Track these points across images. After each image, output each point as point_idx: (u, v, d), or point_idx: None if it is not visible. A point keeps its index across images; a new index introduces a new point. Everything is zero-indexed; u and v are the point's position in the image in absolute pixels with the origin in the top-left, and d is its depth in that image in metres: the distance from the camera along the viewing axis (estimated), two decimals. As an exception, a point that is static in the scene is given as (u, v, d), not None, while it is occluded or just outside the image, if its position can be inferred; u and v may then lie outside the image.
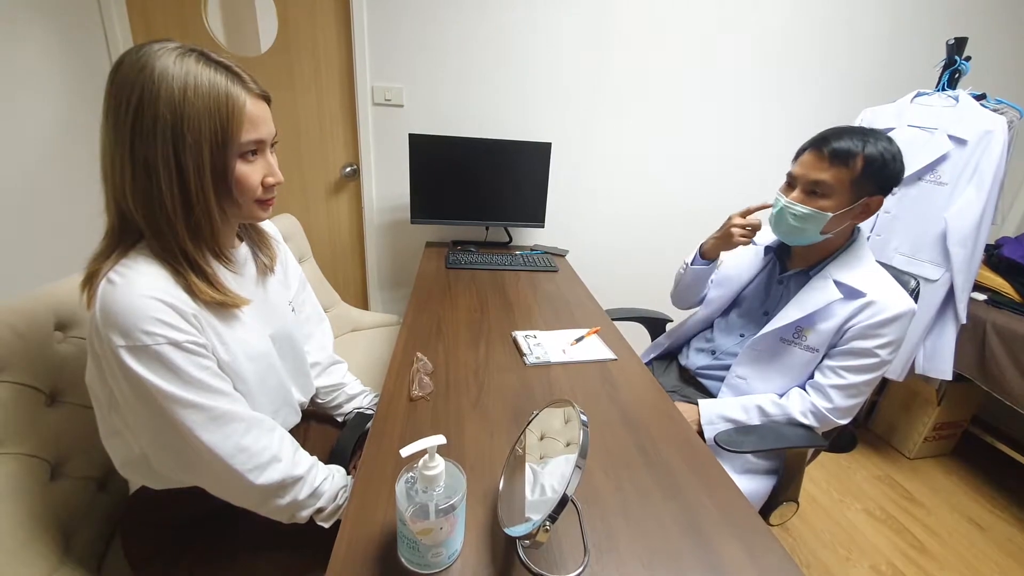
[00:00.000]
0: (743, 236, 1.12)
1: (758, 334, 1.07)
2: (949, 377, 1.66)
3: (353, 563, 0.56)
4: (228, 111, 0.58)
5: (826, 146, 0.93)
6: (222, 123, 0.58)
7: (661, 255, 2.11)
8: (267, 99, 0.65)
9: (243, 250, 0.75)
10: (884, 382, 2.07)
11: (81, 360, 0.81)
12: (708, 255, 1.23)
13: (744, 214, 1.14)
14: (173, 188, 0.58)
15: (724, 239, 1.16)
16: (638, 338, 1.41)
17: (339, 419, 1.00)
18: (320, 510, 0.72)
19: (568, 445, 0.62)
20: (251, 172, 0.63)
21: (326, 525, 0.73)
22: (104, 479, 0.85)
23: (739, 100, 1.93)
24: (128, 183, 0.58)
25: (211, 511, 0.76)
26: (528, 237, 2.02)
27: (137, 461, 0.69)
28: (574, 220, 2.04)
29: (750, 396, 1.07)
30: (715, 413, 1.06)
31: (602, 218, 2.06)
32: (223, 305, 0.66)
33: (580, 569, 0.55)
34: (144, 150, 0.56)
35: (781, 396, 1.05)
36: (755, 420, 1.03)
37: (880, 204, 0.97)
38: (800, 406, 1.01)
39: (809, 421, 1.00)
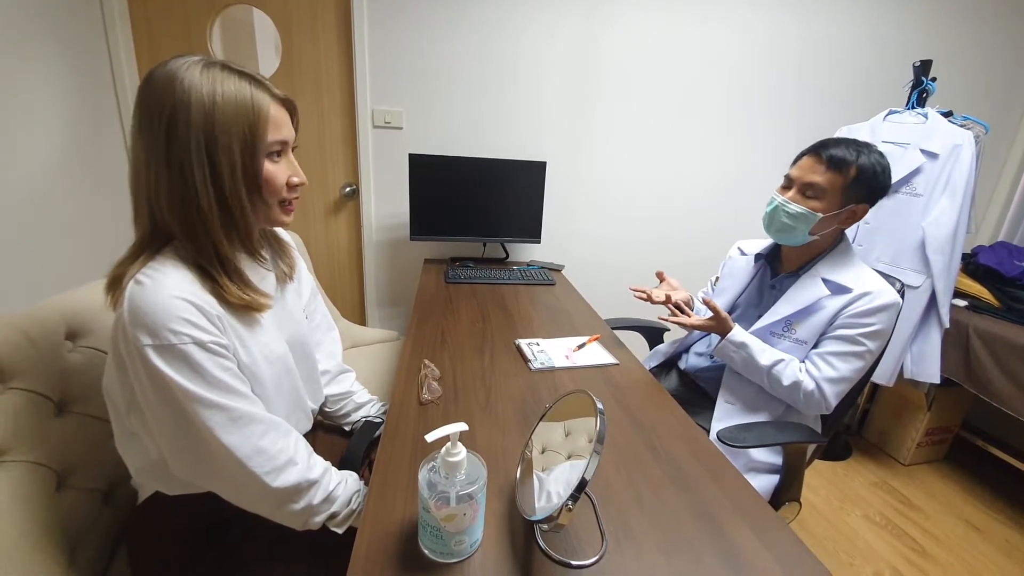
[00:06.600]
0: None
1: (750, 330, 1.11)
2: (937, 380, 1.71)
3: (375, 559, 0.56)
4: (254, 113, 0.62)
5: (824, 151, 1.00)
6: (250, 124, 0.61)
7: (653, 269, 2.15)
8: (290, 104, 0.68)
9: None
10: (875, 388, 2.11)
11: (90, 370, 0.82)
12: None
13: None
14: (208, 188, 0.61)
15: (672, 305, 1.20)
16: (635, 348, 1.44)
17: (347, 428, 1.00)
18: (334, 515, 0.72)
19: (569, 458, 0.64)
20: (278, 172, 0.66)
21: (339, 531, 0.73)
22: (109, 492, 0.83)
23: (727, 120, 2.03)
24: (163, 189, 0.60)
25: (222, 520, 0.76)
26: (524, 253, 2.06)
27: (153, 465, 0.68)
28: (569, 236, 2.09)
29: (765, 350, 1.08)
30: (739, 339, 1.07)
31: (596, 234, 2.11)
32: (247, 308, 0.67)
33: (599, 555, 0.56)
34: (179, 155, 0.59)
35: None
36: (764, 361, 1.04)
37: (865, 212, 1.04)
38: (797, 365, 1.05)
39: (804, 378, 1.02)
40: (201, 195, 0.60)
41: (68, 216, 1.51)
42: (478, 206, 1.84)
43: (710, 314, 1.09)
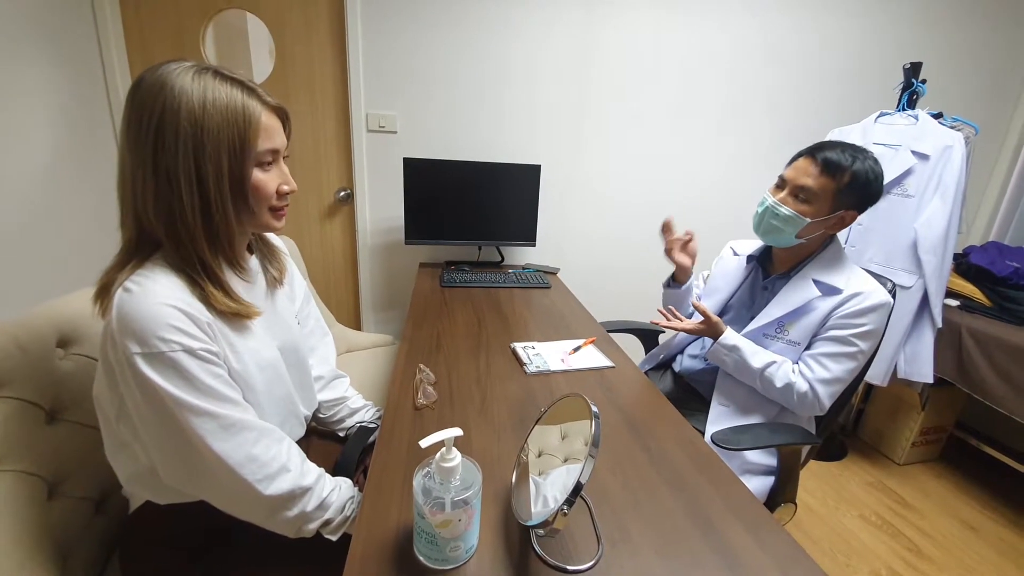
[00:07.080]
0: (676, 248, 1.25)
1: (742, 332, 1.12)
2: (930, 380, 1.72)
3: (370, 566, 0.56)
4: (245, 121, 0.61)
5: (820, 154, 1.00)
6: (240, 133, 0.61)
7: (649, 271, 2.16)
8: (282, 112, 0.68)
9: (254, 263, 0.77)
10: (869, 389, 2.12)
11: (81, 377, 0.81)
12: (678, 278, 1.30)
13: (666, 228, 1.26)
14: (193, 197, 0.60)
15: (671, 259, 1.26)
16: (631, 350, 1.44)
17: (341, 434, 1.00)
18: (327, 522, 0.71)
19: (566, 461, 0.64)
20: (267, 180, 0.66)
21: (333, 538, 0.72)
22: (101, 500, 0.82)
23: (722, 122, 2.04)
24: (150, 195, 0.60)
25: (215, 528, 0.75)
26: (519, 256, 2.06)
27: (143, 474, 0.68)
28: (564, 239, 2.09)
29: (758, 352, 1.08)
30: (731, 342, 1.08)
31: (591, 236, 2.12)
32: (236, 315, 0.67)
33: (595, 560, 0.56)
34: (166, 162, 0.59)
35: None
36: (756, 364, 1.05)
37: (854, 219, 1.04)
38: (790, 367, 1.06)
39: (797, 379, 1.03)
40: (186, 203, 0.60)
41: (61, 221, 1.50)
42: (473, 210, 1.84)
43: (701, 318, 1.10)
